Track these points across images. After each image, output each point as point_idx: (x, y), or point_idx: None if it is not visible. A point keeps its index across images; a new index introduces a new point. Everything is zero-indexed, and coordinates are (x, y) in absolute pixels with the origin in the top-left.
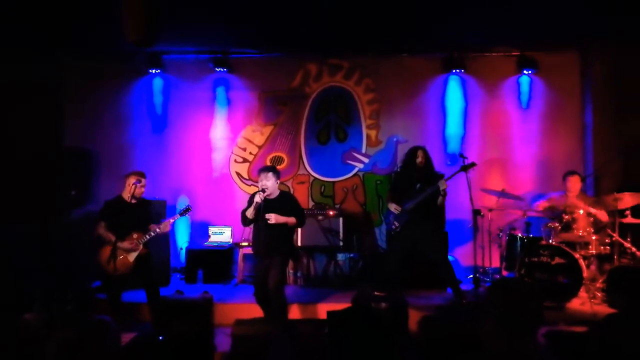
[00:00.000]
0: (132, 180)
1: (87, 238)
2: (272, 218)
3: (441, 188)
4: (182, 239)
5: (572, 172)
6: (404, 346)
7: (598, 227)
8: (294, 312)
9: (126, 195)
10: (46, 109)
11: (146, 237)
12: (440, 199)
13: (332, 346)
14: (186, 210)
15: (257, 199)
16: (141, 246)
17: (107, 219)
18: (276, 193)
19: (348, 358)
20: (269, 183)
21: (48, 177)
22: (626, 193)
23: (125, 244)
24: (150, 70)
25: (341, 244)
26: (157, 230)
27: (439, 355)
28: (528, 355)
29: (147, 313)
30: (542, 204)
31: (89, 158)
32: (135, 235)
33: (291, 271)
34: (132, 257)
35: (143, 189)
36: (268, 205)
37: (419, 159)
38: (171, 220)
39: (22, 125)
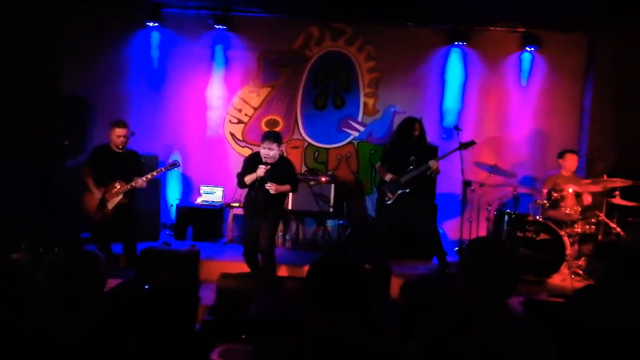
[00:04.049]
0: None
1: (79, 188)
2: (273, 188)
3: (432, 168)
4: (173, 196)
5: (570, 150)
6: (383, 306)
7: (582, 208)
8: (281, 272)
9: (113, 145)
10: (44, 54)
11: (127, 187)
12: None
13: (310, 289)
14: (172, 165)
15: (260, 172)
16: (121, 195)
17: (91, 165)
18: (276, 158)
19: (325, 302)
20: (272, 153)
21: (42, 123)
22: (617, 179)
23: (107, 192)
24: (149, 23)
25: (331, 210)
26: (140, 181)
27: (416, 317)
28: (499, 313)
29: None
30: (544, 192)
31: (84, 107)
32: (117, 184)
33: (280, 233)
34: (111, 204)
35: (120, 139)
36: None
37: (416, 132)
38: (154, 173)
39: (19, 68)
